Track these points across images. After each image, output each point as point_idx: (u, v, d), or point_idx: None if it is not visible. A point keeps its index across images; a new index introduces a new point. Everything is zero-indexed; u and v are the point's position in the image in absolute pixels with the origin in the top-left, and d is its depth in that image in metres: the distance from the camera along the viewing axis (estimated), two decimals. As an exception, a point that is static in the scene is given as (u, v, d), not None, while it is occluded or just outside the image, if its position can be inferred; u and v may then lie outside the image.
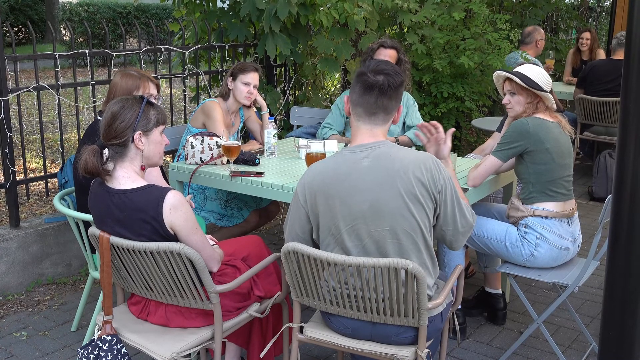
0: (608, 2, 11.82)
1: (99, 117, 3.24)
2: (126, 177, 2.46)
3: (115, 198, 2.44)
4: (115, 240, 2.49)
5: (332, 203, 2.35)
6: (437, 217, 2.42)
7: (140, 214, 2.41)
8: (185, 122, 4.84)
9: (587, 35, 7.51)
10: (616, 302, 1.39)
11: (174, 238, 2.45)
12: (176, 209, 2.41)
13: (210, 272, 2.55)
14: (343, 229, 2.34)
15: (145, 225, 2.42)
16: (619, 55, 6.16)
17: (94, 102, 4.41)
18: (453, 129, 3.09)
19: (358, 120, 2.42)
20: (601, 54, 7.53)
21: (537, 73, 3.25)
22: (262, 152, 3.92)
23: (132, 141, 2.45)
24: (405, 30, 5.99)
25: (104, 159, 2.45)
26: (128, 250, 2.48)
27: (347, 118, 4.43)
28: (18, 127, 4.43)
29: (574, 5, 10.55)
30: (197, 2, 5.25)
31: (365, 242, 2.34)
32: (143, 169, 2.52)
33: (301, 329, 2.57)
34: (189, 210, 2.46)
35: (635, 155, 1.30)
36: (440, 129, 2.92)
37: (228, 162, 3.56)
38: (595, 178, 5.99)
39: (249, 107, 4.23)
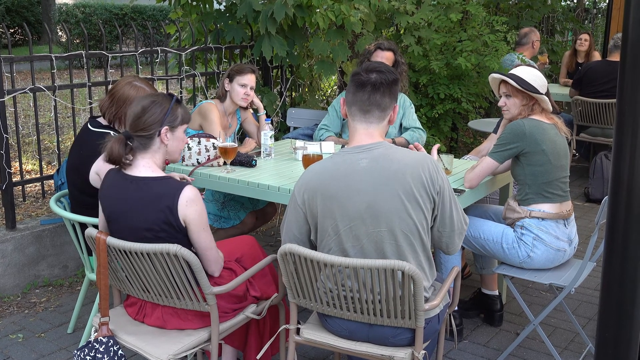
0: (604, 4, 11.85)
1: (90, 127, 3.20)
2: (147, 166, 2.53)
3: (133, 184, 2.49)
4: (112, 241, 2.49)
5: (330, 204, 2.35)
6: (435, 219, 2.42)
7: (156, 202, 2.45)
8: (182, 123, 4.82)
9: (586, 36, 7.53)
10: (612, 303, 1.39)
11: (184, 232, 2.48)
12: (192, 203, 2.46)
13: (208, 275, 2.55)
14: (341, 229, 2.34)
15: (159, 214, 2.44)
16: (615, 57, 6.18)
17: (91, 103, 4.40)
18: (437, 145, 3.22)
19: (354, 120, 2.43)
20: (597, 56, 7.54)
21: (533, 75, 3.25)
22: (258, 154, 3.91)
23: (158, 135, 2.52)
24: (402, 32, 6.00)
25: (128, 149, 2.52)
26: (125, 251, 2.48)
27: (343, 120, 4.43)
28: (14, 128, 4.42)
29: (570, 7, 10.58)
30: (194, 3, 5.25)
31: (363, 242, 2.34)
32: (167, 163, 2.62)
33: (298, 331, 2.57)
34: (203, 207, 2.52)
35: (631, 156, 1.30)
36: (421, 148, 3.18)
37: (225, 163, 3.56)
38: (592, 179, 6.01)
39: (245, 108, 4.23)
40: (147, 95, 2.58)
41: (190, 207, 2.46)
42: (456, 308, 3.37)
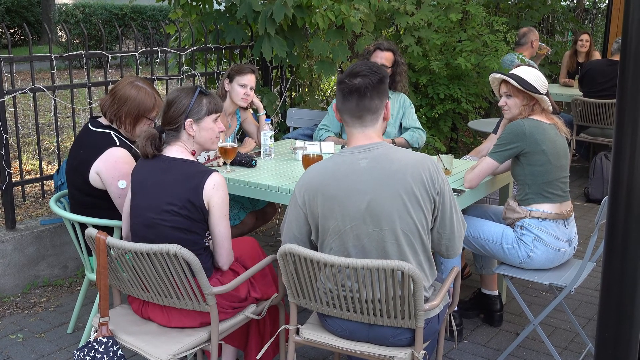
0: (604, 4, 11.86)
1: (90, 127, 3.19)
2: (179, 151, 2.63)
3: (165, 163, 2.59)
4: (112, 241, 2.49)
5: (331, 204, 2.35)
6: (435, 220, 2.41)
7: (184, 180, 2.52)
8: (182, 123, 4.82)
9: (586, 37, 7.54)
10: (612, 303, 1.39)
11: (204, 215, 2.55)
12: (219, 188, 2.55)
13: (208, 271, 2.56)
14: (342, 229, 2.34)
15: (185, 192, 2.51)
16: (618, 57, 6.17)
17: (90, 103, 4.40)
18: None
19: (348, 126, 2.43)
20: (597, 56, 7.56)
21: (534, 75, 3.25)
22: (258, 154, 3.91)
23: (184, 127, 2.61)
24: (401, 32, 6.00)
25: (162, 141, 2.64)
26: (124, 251, 2.48)
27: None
28: (14, 128, 4.42)
29: (570, 7, 10.58)
30: (194, 3, 5.25)
31: (364, 242, 2.34)
32: (193, 154, 2.68)
33: (298, 331, 2.57)
34: (227, 195, 2.60)
35: (631, 156, 1.31)
36: None
37: (225, 163, 3.56)
38: (591, 180, 6.01)
39: (245, 108, 4.23)
40: (176, 89, 2.68)
41: (217, 191, 2.54)
42: (456, 308, 3.37)
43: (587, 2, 11.49)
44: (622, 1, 8.24)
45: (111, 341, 2.51)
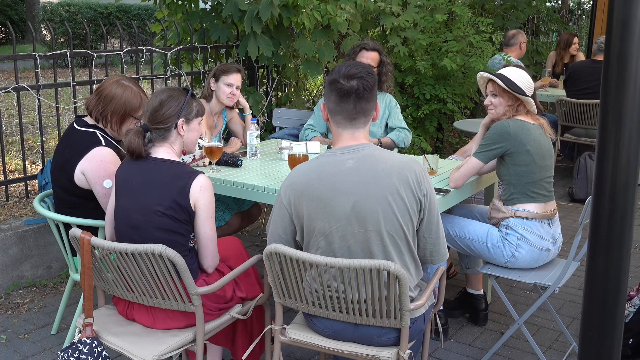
0: (588, 6, 11.95)
1: (76, 126, 3.17)
2: (165, 152, 2.65)
3: (151, 164, 2.59)
4: (97, 241, 2.47)
5: (316, 205, 2.34)
6: (421, 222, 2.41)
7: (171, 181, 2.53)
8: (167, 123, 4.80)
9: (577, 40, 7.64)
10: (596, 302, 1.40)
11: (190, 216, 2.56)
12: (205, 190, 2.56)
13: (194, 272, 2.54)
14: (327, 230, 2.34)
15: (171, 192, 2.52)
16: (600, 58, 6.23)
17: (75, 103, 4.37)
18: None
19: (338, 127, 2.40)
20: (581, 57, 7.63)
21: (520, 77, 3.26)
22: (244, 154, 3.91)
23: (175, 127, 2.64)
24: (387, 33, 6.01)
25: (146, 140, 2.64)
26: (109, 251, 2.47)
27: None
28: (-3, 128, 4.38)
29: (555, 8, 10.66)
30: (179, 2, 5.23)
31: (350, 243, 2.34)
32: (184, 153, 2.74)
33: (283, 331, 2.57)
34: (213, 197, 2.62)
35: (614, 156, 1.32)
36: None
37: (210, 163, 3.55)
38: (576, 179, 6.05)
39: (231, 108, 4.22)
40: (163, 89, 2.69)
41: (203, 193, 2.55)
42: (441, 308, 3.38)
43: (571, 3, 11.57)
44: (606, 2, 8.31)
45: (95, 342, 2.50)
